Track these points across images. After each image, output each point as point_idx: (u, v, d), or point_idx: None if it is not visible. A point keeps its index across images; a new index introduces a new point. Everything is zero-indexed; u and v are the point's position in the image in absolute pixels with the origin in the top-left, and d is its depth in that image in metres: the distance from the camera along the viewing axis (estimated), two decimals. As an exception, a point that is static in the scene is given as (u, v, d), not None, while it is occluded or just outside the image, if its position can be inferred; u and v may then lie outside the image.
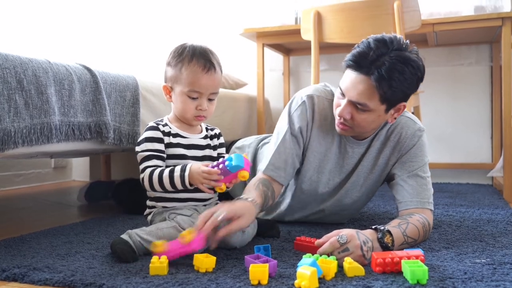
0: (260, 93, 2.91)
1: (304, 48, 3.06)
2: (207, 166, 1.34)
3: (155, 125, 1.47)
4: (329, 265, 1.11)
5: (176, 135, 1.47)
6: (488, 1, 2.77)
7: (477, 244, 1.42)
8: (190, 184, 1.35)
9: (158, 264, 1.16)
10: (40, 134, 1.50)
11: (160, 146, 1.44)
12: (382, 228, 1.29)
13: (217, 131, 1.58)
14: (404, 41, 1.42)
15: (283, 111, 1.64)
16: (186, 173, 1.34)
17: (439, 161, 3.07)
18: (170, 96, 1.48)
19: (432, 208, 1.50)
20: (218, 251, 1.36)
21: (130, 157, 3.44)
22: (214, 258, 1.19)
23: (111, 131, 1.75)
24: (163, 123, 1.48)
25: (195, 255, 1.20)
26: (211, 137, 1.55)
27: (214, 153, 1.54)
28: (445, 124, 3.09)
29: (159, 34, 3.54)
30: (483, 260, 1.24)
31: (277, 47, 3.10)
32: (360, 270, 1.13)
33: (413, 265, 1.07)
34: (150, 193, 1.48)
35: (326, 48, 2.91)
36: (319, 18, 2.37)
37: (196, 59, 1.42)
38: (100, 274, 1.15)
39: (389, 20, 2.24)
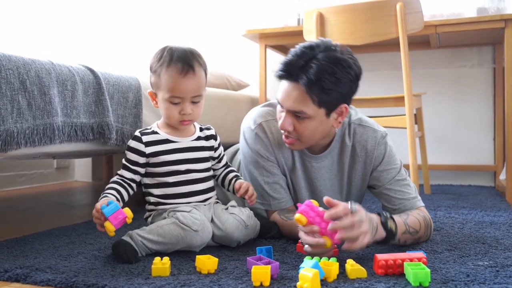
0: (262, 94, 2.91)
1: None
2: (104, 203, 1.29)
3: (138, 135, 1.46)
4: (331, 267, 1.11)
5: (166, 141, 1.46)
6: (491, 3, 2.77)
7: (479, 247, 1.42)
8: None
9: (160, 265, 1.16)
10: (43, 135, 1.50)
11: (136, 158, 1.44)
12: (385, 214, 1.30)
13: (212, 131, 1.56)
14: (334, 42, 1.40)
15: (243, 150, 1.61)
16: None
17: (441, 162, 3.06)
18: (156, 102, 1.47)
19: (423, 204, 1.51)
20: (220, 252, 1.37)
21: (132, 158, 3.44)
22: (216, 259, 1.19)
23: (113, 132, 1.76)
24: (150, 130, 1.47)
25: (197, 256, 1.20)
26: (207, 138, 1.53)
27: (215, 154, 1.55)
28: (447, 126, 3.09)
29: (162, 35, 3.55)
30: (485, 263, 1.24)
31: (279, 48, 3.10)
32: (362, 272, 1.13)
33: (416, 268, 1.07)
34: (149, 198, 1.48)
35: (329, 49, 2.91)
36: (321, 20, 2.37)
37: (173, 63, 1.39)
38: (102, 275, 1.16)
39: (392, 22, 2.24)
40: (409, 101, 2.24)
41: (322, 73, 1.33)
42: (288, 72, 1.39)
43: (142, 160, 1.45)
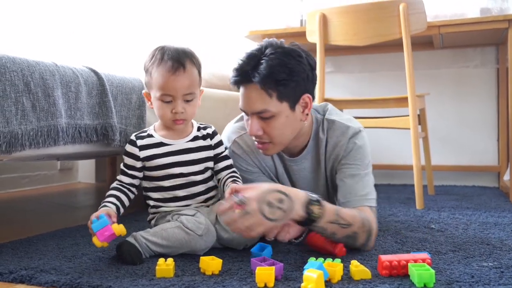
0: (265, 95, 2.91)
1: (309, 50, 3.03)
2: (108, 214, 1.32)
3: (134, 139, 1.47)
4: (335, 268, 1.11)
5: (159, 144, 1.46)
6: (494, 3, 2.77)
7: (484, 247, 1.42)
8: None
9: (165, 266, 1.16)
10: (47, 137, 1.51)
11: (132, 162, 1.46)
12: (315, 197, 1.27)
13: (210, 130, 1.53)
14: (279, 39, 1.43)
15: None
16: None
17: (444, 163, 3.06)
18: (151, 103, 1.46)
19: (371, 204, 1.43)
20: (224, 253, 1.37)
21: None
22: (220, 260, 1.19)
23: (117, 134, 1.76)
24: (145, 134, 1.48)
25: (201, 257, 1.20)
26: (204, 137, 1.51)
27: (203, 155, 1.49)
28: (450, 126, 3.08)
29: (165, 36, 3.55)
30: (490, 264, 1.24)
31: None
32: (366, 273, 1.13)
33: (420, 269, 1.07)
34: (149, 201, 1.49)
35: (332, 50, 2.91)
36: (324, 20, 2.37)
37: (164, 61, 1.39)
38: (106, 276, 1.16)
39: (395, 22, 2.24)
40: (412, 101, 2.24)
41: (273, 66, 1.34)
42: (241, 75, 1.39)
43: (138, 164, 1.46)
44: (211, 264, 1.17)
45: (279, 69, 1.34)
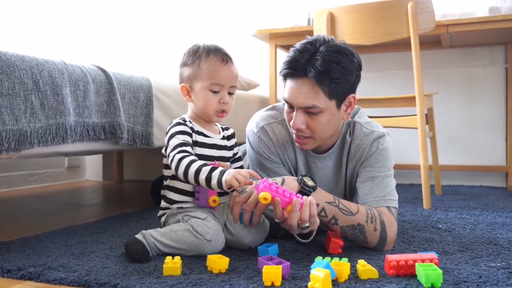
0: (272, 94, 2.91)
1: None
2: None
3: (181, 121, 1.43)
4: (342, 267, 1.11)
5: (200, 133, 1.44)
6: (503, 2, 2.75)
7: (491, 248, 1.41)
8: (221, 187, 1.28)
9: (172, 264, 1.16)
10: (56, 135, 1.52)
11: (190, 140, 1.40)
12: (311, 178, 1.39)
13: (231, 131, 1.56)
14: (329, 36, 1.44)
15: (248, 153, 1.62)
16: (225, 176, 1.27)
17: (452, 163, 3.04)
18: (190, 96, 1.45)
19: (389, 205, 1.43)
20: (231, 252, 1.37)
21: (142, 158, 3.47)
22: (227, 259, 1.20)
23: (125, 132, 1.77)
24: (187, 120, 1.44)
25: (208, 256, 1.20)
26: (228, 138, 1.53)
27: (230, 153, 1.52)
28: (459, 126, 3.07)
29: (172, 35, 3.56)
30: (498, 264, 1.23)
31: (289, 48, 3.08)
32: (373, 273, 1.12)
33: (428, 269, 1.06)
34: (168, 193, 1.45)
35: (339, 49, 2.90)
36: (332, 19, 2.37)
37: (213, 53, 1.42)
38: (114, 274, 1.16)
39: (403, 21, 2.23)
40: (420, 101, 2.23)
41: (329, 63, 1.35)
42: (294, 68, 1.40)
43: (192, 142, 1.41)
44: (218, 262, 1.17)
45: (335, 67, 1.36)
